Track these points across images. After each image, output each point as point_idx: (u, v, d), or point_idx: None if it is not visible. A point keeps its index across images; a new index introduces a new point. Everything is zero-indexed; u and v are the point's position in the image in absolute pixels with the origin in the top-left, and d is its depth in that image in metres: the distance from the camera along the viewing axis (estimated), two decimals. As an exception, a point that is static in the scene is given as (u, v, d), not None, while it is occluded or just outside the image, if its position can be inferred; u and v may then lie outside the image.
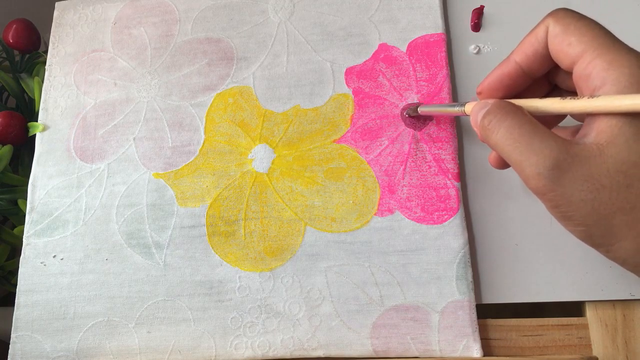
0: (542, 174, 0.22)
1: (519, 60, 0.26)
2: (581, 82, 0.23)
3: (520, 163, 0.23)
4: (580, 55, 0.23)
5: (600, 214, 0.21)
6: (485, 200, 0.35)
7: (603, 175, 0.21)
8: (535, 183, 0.22)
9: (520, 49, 0.26)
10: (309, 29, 0.40)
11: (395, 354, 0.32)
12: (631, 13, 0.37)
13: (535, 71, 0.26)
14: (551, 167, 0.22)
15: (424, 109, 0.34)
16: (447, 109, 0.31)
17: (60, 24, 0.43)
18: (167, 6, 0.42)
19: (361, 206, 0.35)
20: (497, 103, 0.25)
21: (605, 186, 0.21)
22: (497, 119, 0.24)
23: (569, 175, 0.21)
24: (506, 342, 0.32)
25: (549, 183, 0.22)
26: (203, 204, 0.36)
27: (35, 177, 0.39)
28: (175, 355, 0.34)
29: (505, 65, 0.27)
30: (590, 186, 0.21)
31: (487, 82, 0.28)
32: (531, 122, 0.23)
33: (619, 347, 0.32)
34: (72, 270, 0.36)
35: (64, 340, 0.35)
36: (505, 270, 0.33)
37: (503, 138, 0.24)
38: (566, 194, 0.22)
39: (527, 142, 0.23)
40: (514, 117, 0.24)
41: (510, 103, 0.25)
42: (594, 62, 0.22)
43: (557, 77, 0.27)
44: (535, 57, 0.25)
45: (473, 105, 0.27)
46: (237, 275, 0.35)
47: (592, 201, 0.21)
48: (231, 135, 0.38)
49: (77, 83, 0.41)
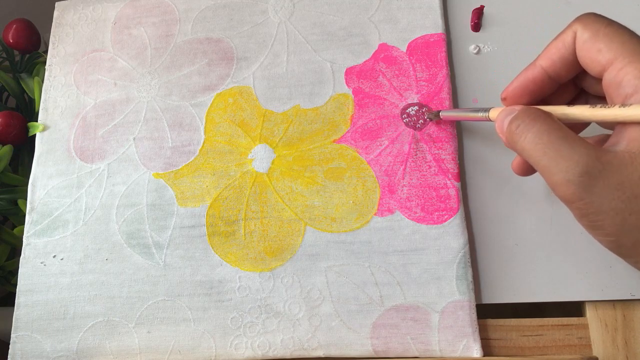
0: (571, 181, 0.21)
1: (545, 66, 0.25)
2: (611, 89, 0.22)
3: (548, 169, 0.22)
4: (610, 63, 0.22)
5: (632, 224, 0.21)
6: (485, 200, 0.35)
7: (635, 183, 0.20)
8: (564, 190, 0.22)
9: (546, 54, 0.25)
10: (309, 29, 0.40)
11: (395, 354, 0.32)
12: (631, 13, 0.37)
13: (562, 77, 0.26)
14: (581, 173, 0.21)
15: (445, 113, 0.34)
16: (470, 114, 0.31)
17: (60, 24, 0.43)
18: (167, 6, 0.42)
19: (361, 206, 0.35)
20: (525, 109, 0.24)
21: (637, 195, 0.20)
22: (525, 123, 0.23)
23: (600, 183, 0.21)
24: (506, 342, 0.32)
25: (579, 190, 0.21)
26: (203, 204, 0.36)
27: (35, 177, 0.39)
28: (175, 355, 0.34)
29: (531, 70, 0.26)
30: (622, 195, 0.21)
31: (512, 87, 0.27)
32: (561, 127, 0.23)
33: (619, 347, 0.32)
34: (72, 270, 0.36)
35: (64, 340, 0.35)
36: (505, 270, 0.33)
37: (532, 143, 0.23)
38: (596, 203, 0.21)
39: (556, 147, 0.22)
40: (543, 123, 0.23)
41: (539, 109, 0.24)
42: (625, 69, 0.22)
43: (585, 82, 0.26)
44: (562, 62, 0.25)
45: (499, 112, 0.26)
46: (237, 275, 0.35)
47: (623, 210, 0.21)
48: (231, 135, 0.38)
49: (77, 83, 0.41)
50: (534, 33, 0.38)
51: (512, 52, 0.38)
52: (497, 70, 0.37)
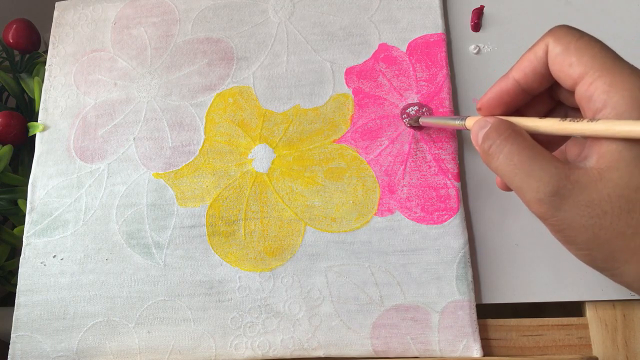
0: (542, 200, 0.22)
1: (517, 78, 0.25)
2: (583, 103, 0.23)
3: (521, 189, 0.23)
4: (581, 77, 0.22)
5: (602, 238, 0.21)
6: (485, 200, 0.35)
7: (604, 200, 0.21)
8: (537, 208, 0.22)
9: (518, 66, 0.25)
10: (309, 29, 0.40)
11: (395, 354, 0.32)
12: (631, 13, 0.37)
13: (534, 89, 0.26)
14: (551, 193, 0.21)
15: (425, 120, 0.34)
16: (448, 122, 0.31)
17: (60, 24, 0.43)
18: (167, 6, 0.42)
19: (361, 206, 0.35)
20: (496, 124, 0.24)
21: (606, 212, 0.21)
22: (496, 144, 0.24)
23: (570, 201, 0.21)
24: (506, 342, 0.32)
25: (550, 209, 0.22)
26: (203, 204, 0.36)
27: (35, 177, 0.39)
28: (175, 355, 0.34)
29: (504, 82, 0.26)
30: (591, 212, 0.21)
31: (487, 98, 0.27)
32: (531, 146, 0.23)
33: (619, 347, 0.32)
34: (72, 270, 0.36)
35: (64, 340, 0.35)
36: (505, 270, 0.33)
37: (503, 164, 0.23)
38: (567, 219, 0.21)
39: (526, 168, 0.22)
40: (513, 143, 0.23)
41: (510, 124, 0.24)
42: (595, 83, 0.22)
43: (560, 94, 0.26)
44: (535, 75, 0.25)
45: (474, 122, 0.26)
46: (237, 275, 0.35)
47: (592, 227, 0.21)
48: (231, 135, 0.38)
49: (77, 83, 0.41)
50: (534, 33, 0.38)
51: (512, 52, 0.38)
52: (497, 70, 0.37)
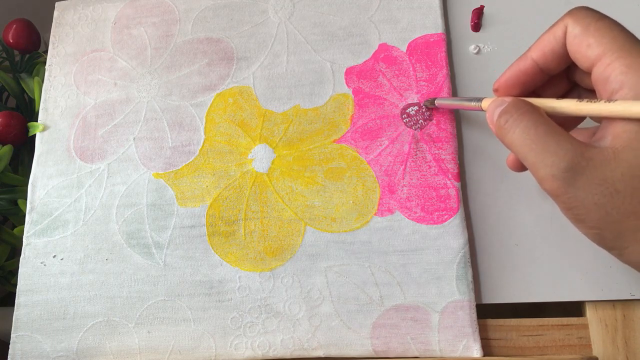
0: (556, 176, 0.22)
1: (535, 58, 0.26)
2: (599, 84, 0.23)
3: (535, 164, 0.23)
4: (599, 58, 0.22)
5: (613, 217, 0.21)
6: (485, 200, 0.35)
7: (617, 179, 0.21)
8: (550, 185, 0.22)
9: (537, 46, 0.26)
10: (309, 29, 0.40)
11: (395, 354, 0.32)
12: (631, 13, 0.37)
13: (552, 69, 0.26)
14: (565, 169, 0.22)
15: (441, 101, 0.34)
16: (464, 103, 0.31)
17: (60, 24, 0.43)
18: (167, 6, 0.42)
19: (361, 206, 0.35)
20: (513, 102, 0.24)
21: (619, 190, 0.21)
22: (513, 118, 0.24)
23: (583, 178, 0.21)
24: (506, 342, 0.32)
25: (563, 185, 0.22)
26: (203, 204, 0.36)
27: (35, 177, 0.39)
28: (175, 355, 0.34)
29: (522, 62, 0.26)
30: (604, 190, 0.21)
31: (504, 78, 0.27)
32: (547, 123, 0.23)
33: (619, 347, 0.32)
34: (72, 270, 0.36)
35: (64, 340, 0.35)
36: (505, 270, 0.33)
37: (519, 138, 0.23)
38: (579, 197, 0.22)
39: (542, 143, 0.22)
40: (530, 118, 0.23)
41: (527, 102, 0.24)
42: (613, 65, 0.22)
43: (576, 75, 0.27)
44: (553, 55, 0.25)
45: (490, 102, 0.26)
46: (237, 275, 0.35)
47: (604, 205, 0.21)
48: (231, 135, 0.38)
49: (77, 83, 0.41)
50: (534, 33, 0.37)
51: (512, 52, 0.37)
52: (497, 70, 0.37)
